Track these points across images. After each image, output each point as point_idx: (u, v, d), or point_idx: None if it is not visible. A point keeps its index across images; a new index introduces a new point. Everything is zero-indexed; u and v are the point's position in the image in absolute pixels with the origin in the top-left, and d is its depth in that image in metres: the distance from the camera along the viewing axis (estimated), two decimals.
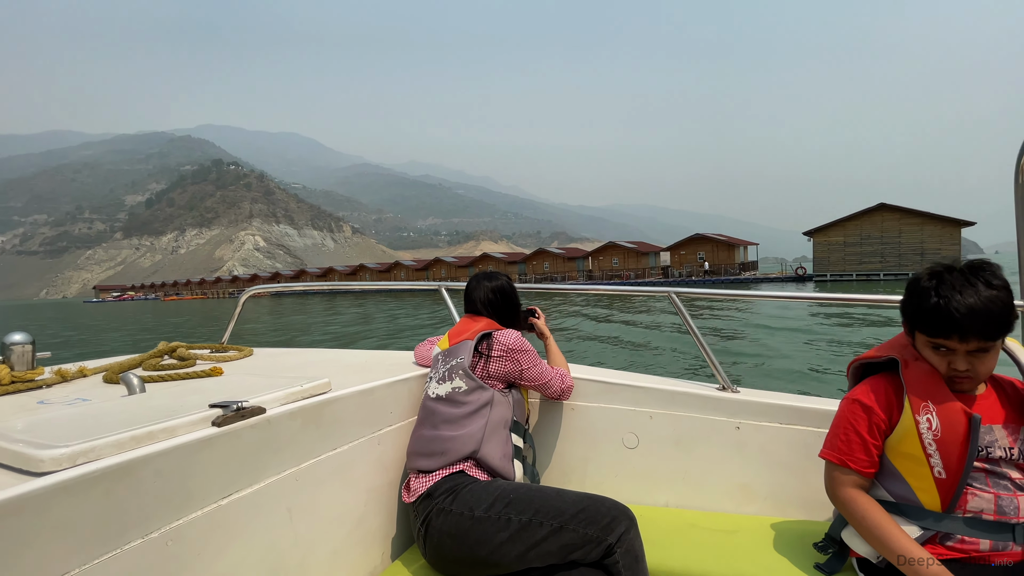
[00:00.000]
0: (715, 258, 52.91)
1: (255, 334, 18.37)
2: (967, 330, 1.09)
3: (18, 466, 0.86)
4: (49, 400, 1.39)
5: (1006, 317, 1.09)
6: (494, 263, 72.88)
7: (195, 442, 1.03)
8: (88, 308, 71.42)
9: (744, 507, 1.77)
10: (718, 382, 1.87)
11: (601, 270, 61.41)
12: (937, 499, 1.16)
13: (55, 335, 22.26)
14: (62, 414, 1.13)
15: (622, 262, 59.97)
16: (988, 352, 1.13)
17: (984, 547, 1.13)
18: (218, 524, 1.07)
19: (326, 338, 16.55)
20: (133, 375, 1.42)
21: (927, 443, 1.15)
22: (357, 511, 1.48)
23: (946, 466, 1.14)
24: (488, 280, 1.85)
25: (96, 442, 0.90)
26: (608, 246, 61.65)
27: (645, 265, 59.03)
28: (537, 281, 63.52)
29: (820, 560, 1.36)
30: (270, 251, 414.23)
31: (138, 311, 47.18)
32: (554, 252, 67.56)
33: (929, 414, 1.15)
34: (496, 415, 1.57)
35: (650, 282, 52.17)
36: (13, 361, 1.58)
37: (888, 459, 1.22)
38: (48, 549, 0.81)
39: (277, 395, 1.26)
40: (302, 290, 3.07)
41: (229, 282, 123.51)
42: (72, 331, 23.75)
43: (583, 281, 60.64)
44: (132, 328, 25.41)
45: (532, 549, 1.32)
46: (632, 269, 58.71)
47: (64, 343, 19.36)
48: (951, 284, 1.11)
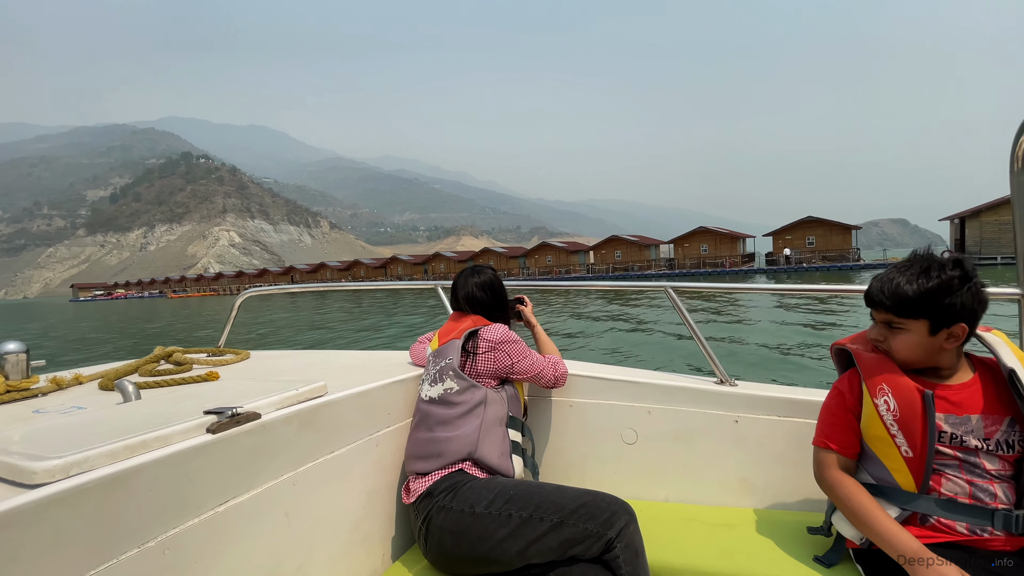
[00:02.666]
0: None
1: (247, 332, 18.09)
2: (875, 301, 1.24)
3: (11, 478, 0.86)
4: (45, 409, 1.39)
5: (921, 300, 1.16)
6: (495, 257, 72.50)
7: (190, 450, 1.03)
8: (76, 308, 68.58)
9: (743, 500, 1.78)
10: (716, 376, 1.87)
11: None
12: (911, 478, 1.20)
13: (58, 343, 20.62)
14: (56, 424, 1.13)
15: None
16: (902, 330, 1.21)
17: (961, 529, 1.17)
18: (216, 531, 1.07)
19: (317, 337, 16.30)
20: (128, 382, 1.43)
21: (888, 424, 1.21)
22: (356, 514, 1.48)
23: (911, 444, 1.19)
24: (473, 275, 1.83)
25: (89, 452, 0.90)
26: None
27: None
28: (540, 274, 64.38)
29: (819, 552, 1.39)
30: (246, 247, 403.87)
31: (146, 311, 45.65)
32: (557, 246, 66.93)
33: (885, 396, 1.22)
34: (491, 414, 1.57)
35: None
36: (7, 370, 1.57)
37: (865, 442, 1.28)
38: (41, 562, 0.80)
39: (272, 399, 1.26)
40: (300, 291, 3.18)
41: (232, 278, 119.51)
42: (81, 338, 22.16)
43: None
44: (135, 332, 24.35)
45: (533, 545, 1.33)
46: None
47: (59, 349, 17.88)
48: (896, 267, 1.23)
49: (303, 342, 15.29)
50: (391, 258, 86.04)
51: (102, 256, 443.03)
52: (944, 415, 1.19)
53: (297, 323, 21.31)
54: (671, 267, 54.96)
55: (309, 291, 2.76)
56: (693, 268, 52.30)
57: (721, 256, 52.21)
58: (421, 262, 79.94)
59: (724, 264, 50.80)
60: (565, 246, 66.20)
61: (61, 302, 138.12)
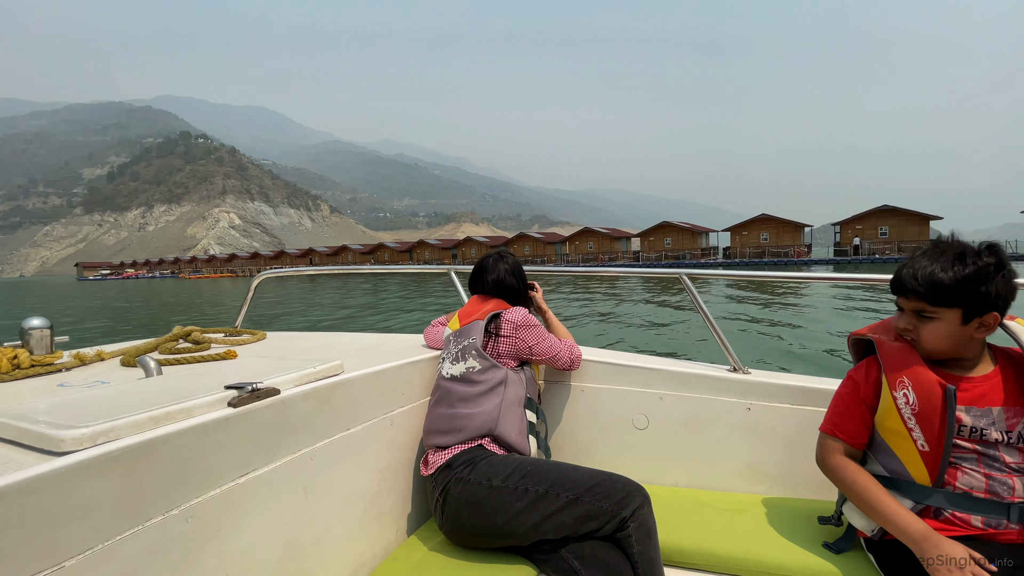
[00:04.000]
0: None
1: (258, 314, 17.27)
2: (907, 288, 1.18)
3: (40, 446, 0.89)
4: (68, 383, 1.42)
5: (957, 288, 1.12)
6: (476, 247, 72.98)
7: (212, 422, 1.06)
8: (86, 287, 65.42)
9: (754, 487, 1.80)
10: (729, 363, 1.88)
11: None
12: (925, 472, 1.19)
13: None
14: (82, 396, 1.15)
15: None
16: (933, 319, 1.17)
17: (976, 523, 1.15)
18: (236, 502, 1.10)
19: (331, 319, 16.17)
20: (150, 358, 1.46)
21: (906, 417, 1.19)
22: (371, 489, 1.51)
23: (928, 439, 1.17)
24: (501, 261, 1.88)
25: (115, 422, 0.93)
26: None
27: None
28: (583, 262, 62.36)
29: (829, 539, 1.40)
30: (247, 229, 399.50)
31: (164, 291, 43.21)
32: (534, 236, 68.61)
33: (905, 389, 1.20)
34: (511, 393, 1.61)
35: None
36: (32, 345, 1.62)
37: (879, 434, 1.27)
38: (70, 527, 0.83)
39: (291, 377, 1.29)
40: (314, 273, 2.84)
41: (247, 259, 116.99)
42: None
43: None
44: None
45: (547, 519, 1.35)
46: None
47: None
48: (924, 254, 1.19)
49: (320, 324, 14.85)
50: (418, 242, 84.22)
51: (99, 235, 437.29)
52: (965, 407, 1.17)
53: (317, 305, 20.89)
54: (727, 256, 52.97)
55: (326, 273, 2.61)
56: (754, 257, 50.32)
57: (785, 246, 50.26)
58: (450, 247, 78.07)
59: (791, 253, 48.80)
60: (542, 237, 67.57)
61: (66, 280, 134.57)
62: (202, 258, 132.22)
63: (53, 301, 33.80)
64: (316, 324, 15.00)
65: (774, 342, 9.16)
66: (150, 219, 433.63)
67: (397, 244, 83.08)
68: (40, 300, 36.05)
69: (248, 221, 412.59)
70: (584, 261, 59.22)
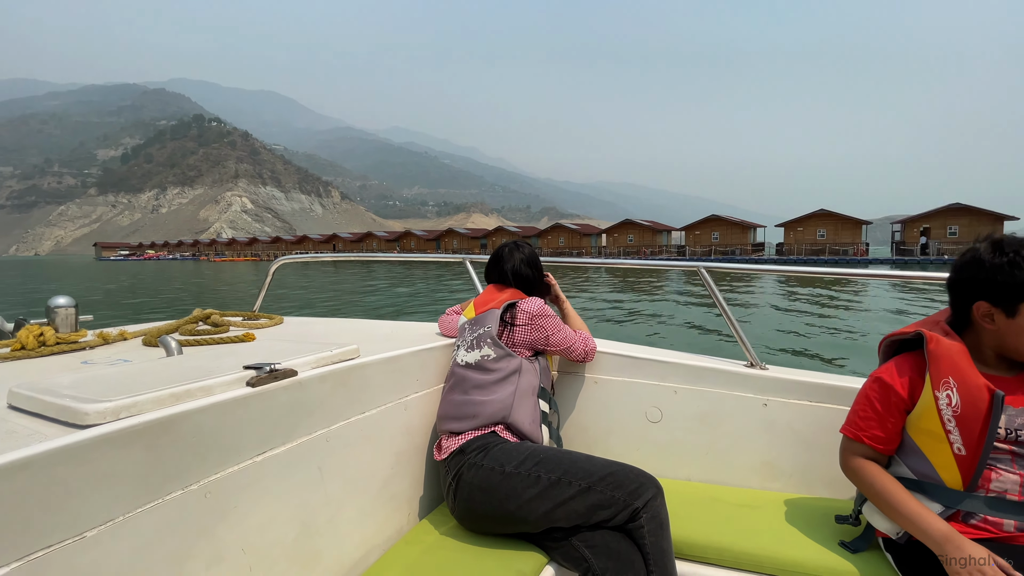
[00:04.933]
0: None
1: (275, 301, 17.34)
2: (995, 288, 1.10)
3: (65, 419, 0.91)
4: (92, 360, 1.46)
5: None
6: (509, 236, 71.68)
7: (230, 401, 1.07)
8: (108, 267, 64.77)
9: (769, 483, 1.78)
10: (746, 359, 1.87)
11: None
12: (958, 477, 1.15)
13: None
14: (105, 372, 1.16)
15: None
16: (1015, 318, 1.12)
17: (1008, 527, 1.12)
18: (253, 479, 1.12)
19: (346, 305, 16.33)
20: (171, 338, 1.49)
21: (946, 419, 1.15)
22: (385, 472, 1.52)
23: (966, 443, 1.13)
24: (517, 251, 1.88)
25: (138, 398, 0.94)
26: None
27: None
28: (624, 254, 60.74)
29: (845, 538, 1.37)
30: (258, 214, 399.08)
31: (190, 273, 42.56)
32: (570, 227, 66.66)
33: (949, 390, 1.15)
34: (524, 382, 1.61)
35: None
36: (57, 323, 1.65)
37: (909, 436, 1.23)
38: (93, 497, 0.85)
39: (308, 359, 1.30)
40: (332, 260, 3.01)
41: (269, 243, 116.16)
42: None
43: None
44: None
45: (560, 507, 1.35)
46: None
47: None
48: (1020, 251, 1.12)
49: (339, 310, 15.02)
50: (447, 230, 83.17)
51: (113, 216, 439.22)
52: (1003, 407, 1.13)
53: (328, 291, 21.05)
54: (780, 252, 51.05)
55: (345, 260, 2.76)
56: (810, 254, 48.34)
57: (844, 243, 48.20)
58: (480, 236, 76.80)
59: (853, 252, 46.76)
60: (578, 228, 65.94)
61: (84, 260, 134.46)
62: (222, 241, 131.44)
63: (79, 281, 33.12)
64: (332, 311, 15.03)
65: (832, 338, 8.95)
66: (163, 201, 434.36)
67: (468, 231, 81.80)
68: (72, 280, 35.45)
69: (260, 205, 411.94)
70: (624, 255, 57.68)
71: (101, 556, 0.86)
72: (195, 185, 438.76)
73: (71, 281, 31.59)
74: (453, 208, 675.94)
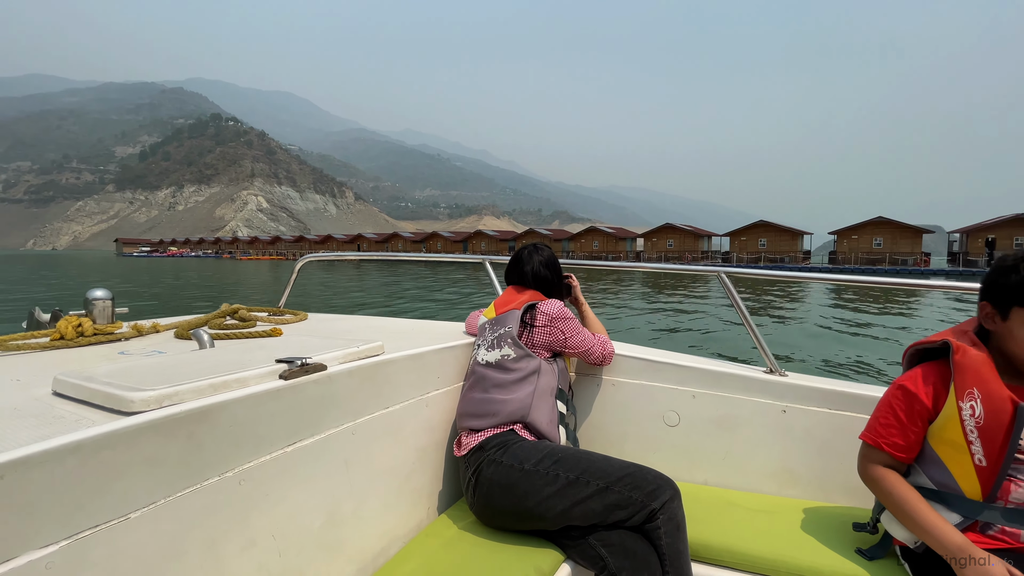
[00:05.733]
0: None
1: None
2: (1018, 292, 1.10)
3: (110, 406, 0.94)
4: (128, 352, 1.51)
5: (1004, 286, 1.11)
6: (540, 239, 71.36)
7: (264, 392, 1.11)
8: (133, 263, 63.47)
9: (786, 490, 1.78)
10: (765, 364, 1.87)
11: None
12: (977, 487, 1.15)
13: None
14: (143, 363, 1.20)
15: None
16: None
17: None
18: (284, 469, 1.15)
19: (362, 303, 16.80)
20: (203, 331, 1.54)
21: (968, 429, 1.15)
22: (406, 467, 1.55)
23: (987, 454, 1.13)
24: (537, 253, 1.91)
25: (179, 387, 0.98)
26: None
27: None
28: (584, 259, 59.69)
29: (862, 546, 1.36)
30: (273, 213, 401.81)
31: (217, 271, 41.34)
32: (605, 231, 66.16)
33: (973, 400, 1.15)
34: (543, 383, 1.63)
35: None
36: (95, 315, 1.71)
37: (930, 445, 1.22)
38: (137, 480, 0.89)
39: (336, 354, 1.34)
40: (358, 259, 2.57)
41: (292, 242, 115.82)
42: None
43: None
44: None
45: (577, 505, 1.36)
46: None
47: None
48: None
49: (359, 308, 15.47)
50: (476, 232, 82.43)
51: (130, 213, 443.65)
52: None
53: (344, 290, 21.44)
54: (832, 260, 49.55)
55: (368, 259, 2.58)
56: (866, 264, 46.78)
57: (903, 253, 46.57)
58: (509, 239, 75.90)
59: (915, 262, 45.12)
60: (614, 232, 65.84)
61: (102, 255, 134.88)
62: (244, 239, 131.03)
63: (119, 280, 32.86)
64: (354, 308, 15.53)
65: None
66: (180, 199, 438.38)
67: (496, 233, 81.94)
68: (103, 274, 35.60)
69: (275, 205, 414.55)
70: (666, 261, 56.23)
71: (144, 537, 0.89)
72: (211, 183, 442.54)
73: (115, 279, 31.36)
74: (465, 210, 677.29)
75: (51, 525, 0.78)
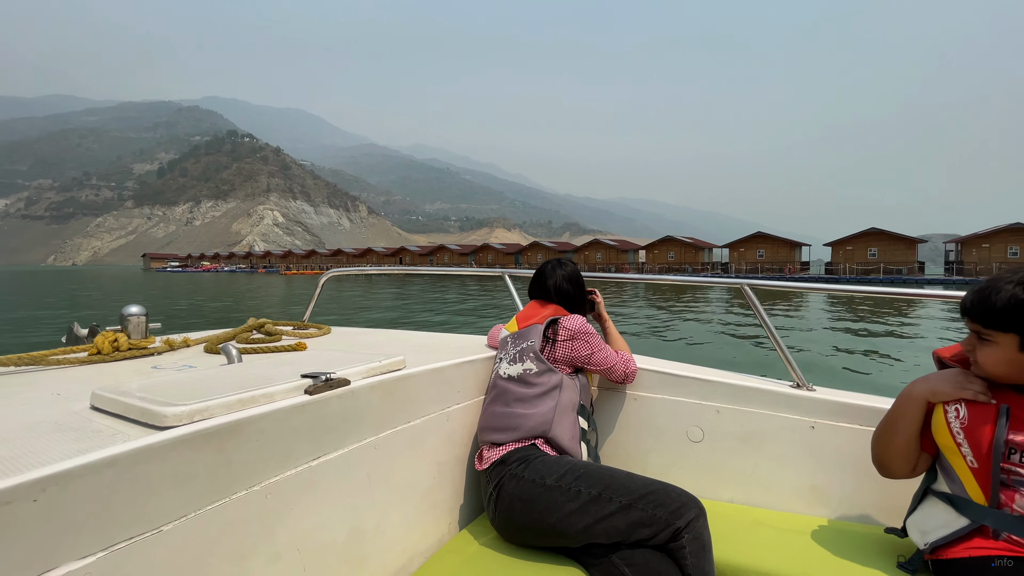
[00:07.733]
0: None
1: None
2: (964, 308, 1.18)
3: (144, 420, 0.96)
4: (161, 366, 1.55)
5: (1007, 313, 1.09)
6: (544, 251, 73.07)
7: (290, 407, 1.12)
8: (167, 279, 64.66)
9: (815, 509, 1.73)
10: (792, 379, 1.83)
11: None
12: (979, 490, 1.17)
13: None
14: (175, 378, 1.23)
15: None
16: (989, 342, 1.15)
17: None
18: (309, 483, 1.17)
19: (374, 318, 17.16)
20: (232, 346, 1.58)
21: (955, 431, 1.19)
22: (428, 481, 1.55)
23: (976, 455, 1.16)
24: (561, 268, 1.90)
25: (209, 402, 1.00)
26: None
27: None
28: (588, 272, 61.52)
29: (892, 565, 1.33)
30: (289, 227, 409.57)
31: (265, 286, 44.27)
32: (608, 243, 67.62)
33: (957, 404, 1.20)
34: (565, 398, 1.62)
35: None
36: (130, 330, 1.75)
37: (941, 452, 1.26)
38: (170, 494, 0.90)
39: (359, 369, 1.35)
40: (375, 273, 3.49)
41: (327, 256, 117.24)
42: None
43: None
44: None
45: (599, 523, 1.33)
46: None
47: None
48: (1001, 276, 1.15)
49: (379, 321, 15.93)
50: (483, 245, 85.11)
51: (149, 228, 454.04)
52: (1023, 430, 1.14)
53: (381, 305, 21.87)
54: (829, 271, 51.43)
55: (391, 273, 2.65)
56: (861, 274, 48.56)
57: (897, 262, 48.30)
58: (514, 251, 78.32)
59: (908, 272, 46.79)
60: (616, 244, 67.82)
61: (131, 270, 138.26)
62: (277, 253, 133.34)
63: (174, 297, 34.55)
64: (375, 322, 15.86)
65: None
66: (197, 214, 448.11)
67: (459, 247, 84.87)
68: (141, 292, 36.73)
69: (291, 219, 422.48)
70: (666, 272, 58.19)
71: (175, 549, 0.90)
72: (228, 199, 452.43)
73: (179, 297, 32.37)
74: (475, 223, 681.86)
75: (89, 537, 0.79)
